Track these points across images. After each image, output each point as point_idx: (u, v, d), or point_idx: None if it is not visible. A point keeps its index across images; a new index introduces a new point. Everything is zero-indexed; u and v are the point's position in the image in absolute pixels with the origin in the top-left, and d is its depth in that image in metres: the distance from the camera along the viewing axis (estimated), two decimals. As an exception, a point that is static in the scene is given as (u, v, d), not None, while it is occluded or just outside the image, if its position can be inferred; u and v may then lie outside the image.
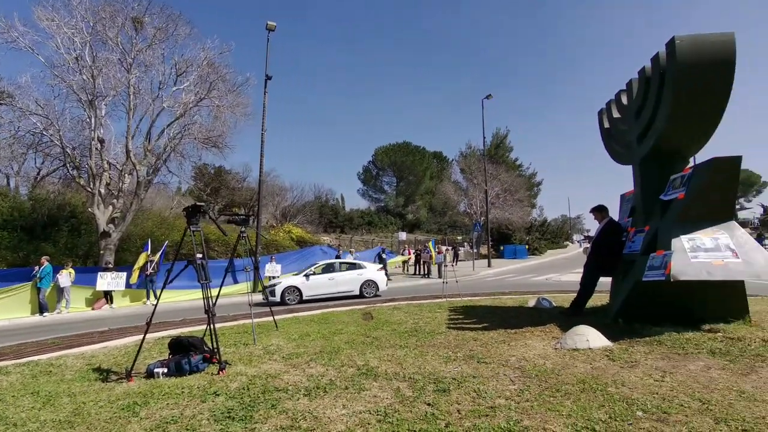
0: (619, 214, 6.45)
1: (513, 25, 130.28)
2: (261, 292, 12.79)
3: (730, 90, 4.41)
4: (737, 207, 49.38)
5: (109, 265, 14.59)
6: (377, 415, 2.84)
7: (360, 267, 13.96)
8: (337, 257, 18.49)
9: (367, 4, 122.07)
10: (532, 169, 49.96)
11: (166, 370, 4.24)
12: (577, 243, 57.22)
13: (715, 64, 4.33)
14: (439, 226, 46.05)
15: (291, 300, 12.58)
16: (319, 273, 13.35)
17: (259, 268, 14.28)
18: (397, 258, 24.00)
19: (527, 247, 37.86)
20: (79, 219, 18.80)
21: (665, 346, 4.06)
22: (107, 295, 13.49)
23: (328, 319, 7.38)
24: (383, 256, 19.88)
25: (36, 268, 12.48)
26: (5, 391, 4.11)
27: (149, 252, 14.37)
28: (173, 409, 3.21)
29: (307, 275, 13.15)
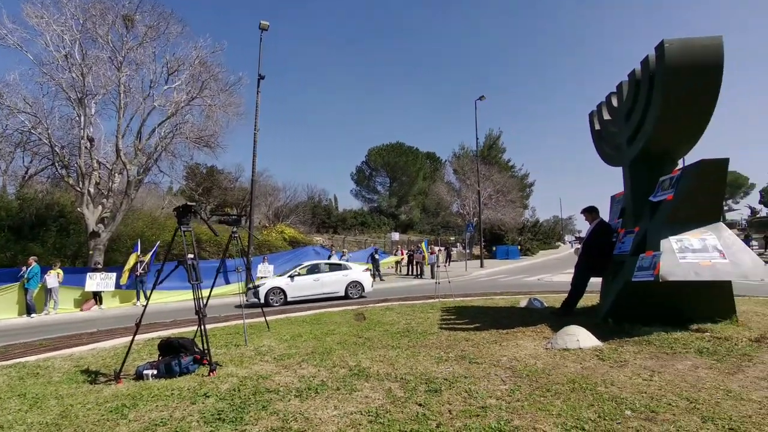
0: (610, 215, 6.51)
1: (507, 26, 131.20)
2: (244, 293, 12.65)
3: (718, 93, 4.47)
4: (725, 208, 50.16)
5: (99, 265, 14.43)
6: (368, 415, 2.83)
7: (345, 268, 13.87)
8: (330, 258, 18.48)
9: (360, 4, 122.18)
10: (525, 170, 50.34)
11: (155, 372, 4.20)
12: (568, 244, 57.65)
13: (703, 67, 4.38)
14: (432, 226, 46.15)
15: (275, 301, 12.32)
16: (304, 274, 13.20)
17: (251, 268, 14.27)
18: (390, 258, 24.02)
19: (519, 247, 38.09)
20: (68, 219, 18.56)
21: (654, 346, 4.10)
22: (96, 296, 13.34)
23: (320, 320, 7.36)
24: (376, 257, 19.92)
25: (23, 268, 12.30)
26: (-9, 393, 4.04)
27: (139, 252, 14.23)
28: (162, 411, 3.18)
29: (291, 276, 12.98)
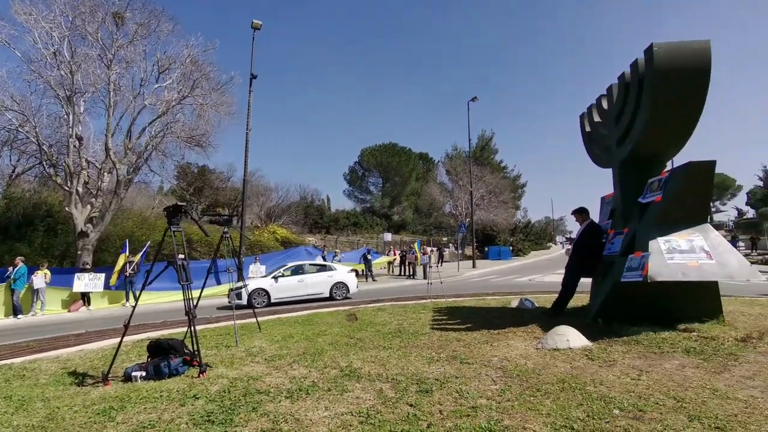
0: (600, 216, 6.57)
1: (507, 26, 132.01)
2: (227, 295, 12.41)
3: (706, 96, 4.53)
4: (713, 210, 50.93)
5: (87, 265, 14.22)
6: (359, 416, 2.83)
7: (330, 269, 13.77)
8: (322, 258, 18.42)
9: (352, 3, 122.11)
10: (517, 171, 50.68)
11: (144, 374, 4.15)
12: (559, 244, 58.16)
13: (691, 70, 4.44)
14: (424, 227, 46.24)
15: (258, 303, 11.97)
16: (288, 275, 13.03)
17: (242, 269, 14.17)
18: (383, 259, 24.00)
19: (511, 248, 38.31)
20: (56, 218, 18.29)
21: (642, 346, 4.15)
22: (84, 297, 13.15)
23: (312, 321, 7.33)
24: (368, 257, 19.90)
25: (10, 269, 12.07)
26: (-25, 396, 3.96)
27: (128, 253, 14.06)
28: (151, 413, 3.14)
29: (275, 277, 12.83)
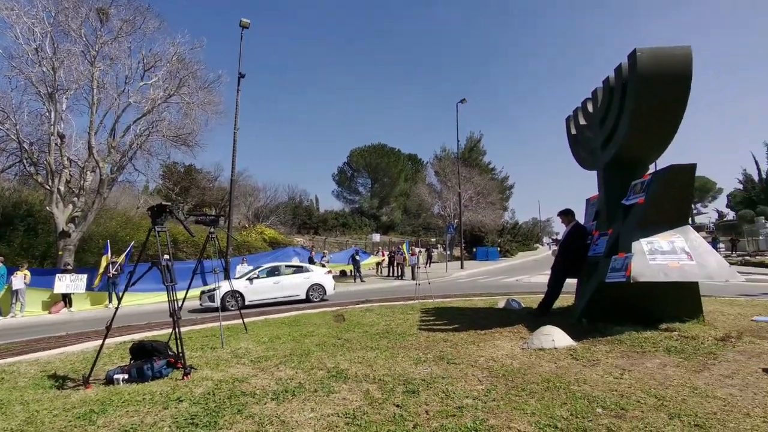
0: (585, 217, 6.66)
1: (490, 29, 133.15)
2: (199, 297, 12.15)
3: (687, 100, 4.63)
4: (694, 212, 52.02)
5: (69, 266, 13.91)
6: (346, 417, 2.82)
7: (307, 270, 13.63)
8: (310, 259, 18.34)
9: (342, 4, 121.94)
10: (505, 173, 51.19)
11: (126, 376, 4.08)
12: (546, 245, 58.87)
13: (673, 75, 4.52)
14: (413, 227, 46.35)
15: (232, 305, 11.33)
16: (263, 277, 12.85)
17: (230, 269, 14.02)
18: (371, 259, 23.99)
19: (499, 249, 38.67)
20: (36, 218, 17.87)
21: (625, 345, 4.22)
22: (66, 298, 12.88)
23: (299, 321, 7.29)
24: (357, 258, 19.87)
25: (-12, 269, 11.79)
26: (-51, 400, 3.84)
27: (110, 254, 13.79)
28: (133, 416, 3.09)
29: (250, 279, 12.63)
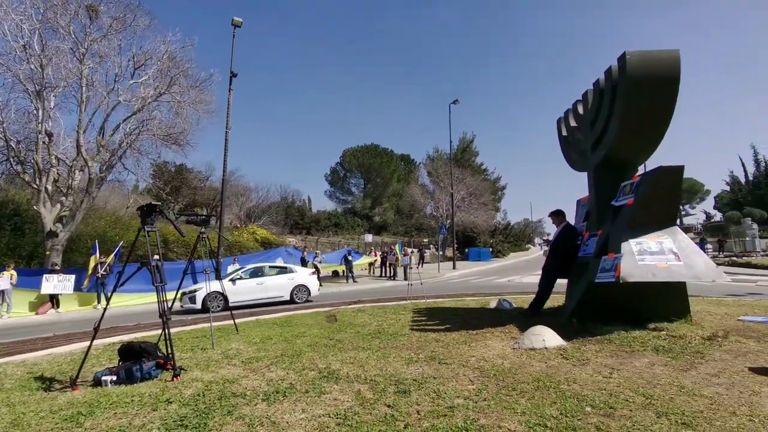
0: (576, 218, 6.72)
1: (482, 30, 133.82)
2: (179, 298, 11.76)
3: (675, 103, 4.69)
4: (682, 213, 52.76)
5: (56, 266, 13.71)
6: (337, 418, 2.82)
7: (291, 271, 13.48)
8: (302, 259, 18.28)
9: (333, 3, 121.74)
10: (497, 174, 51.54)
11: (115, 378, 4.02)
12: (538, 246, 59.32)
13: (661, 78, 4.58)
14: (405, 228, 46.43)
15: (214, 307, 10.96)
16: (246, 277, 12.68)
17: (221, 270, 13.89)
18: (364, 260, 23.97)
19: (491, 249, 38.89)
20: (23, 217, 17.60)
21: (614, 344, 4.27)
22: (53, 299, 12.69)
23: (290, 322, 7.26)
24: (349, 258, 19.84)
25: (-26, 270, 11.58)
26: (-69, 403, 3.76)
27: (98, 255, 13.60)
28: (121, 418, 3.05)
29: (233, 280, 12.43)
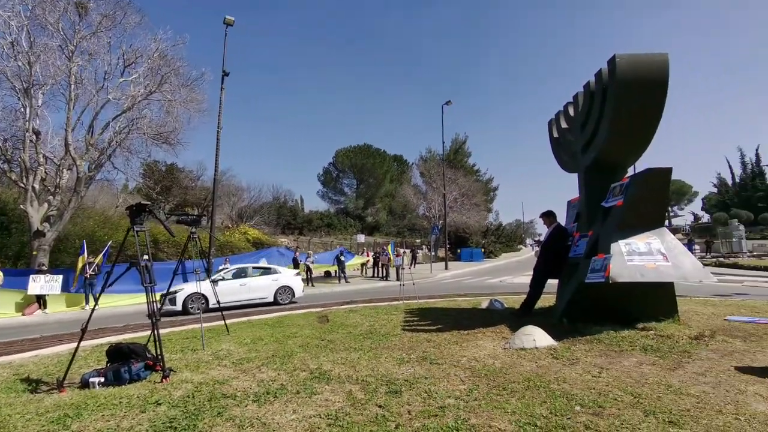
0: (566, 219, 6.78)
1: (481, 29, 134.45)
2: (159, 300, 11.77)
3: (664, 105, 4.75)
4: (671, 214, 53.47)
5: (43, 267, 13.50)
6: (328, 418, 2.81)
7: (275, 272, 13.28)
8: (294, 259, 18.21)
9: (326, 4, 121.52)
10: (489, 175, 51.81)
11: (102, 380, 3.97)
12: (529, 246, 59.72)
13: (651, 81, 4.64)
14: (398, 228, 46.48)
15: (195, 309, 11.03)
16: (229, 278, 12.42)
17: (211, 270, 13.76)
18: (356, 260, 23.94)
19: (483, 250, 39.07)
20: (10, 217, 17.30)
21: (603, 344, 4.31)
22: (40, 300, 12.47)
23: (282, 323, 7.22)
24: (342, 258, 19.80)
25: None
26: None
27: (86, 255, 13.40)
28: (109, 420, 3.01)
29: (215, 281, 11.93)
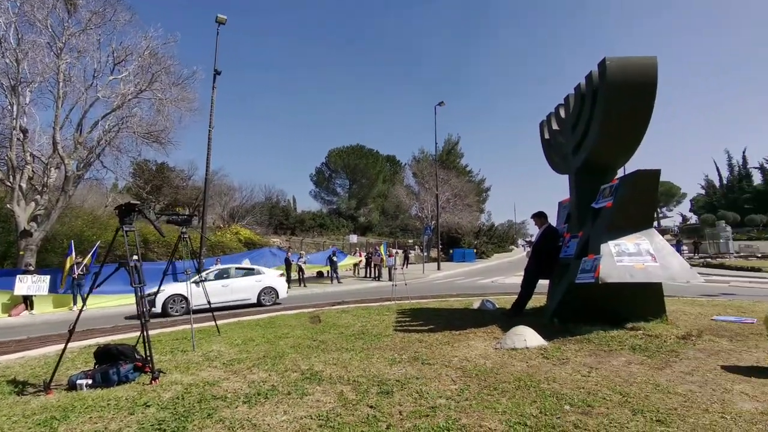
0: (557, 220, 6.84)
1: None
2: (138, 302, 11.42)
3: (653, 108, 4.82)
4: (660, 215, 54.14)
5: (30, 267, 13.28)
6: (319, 419, 2.80)
7: (258, 273, 13.07)
8: (287, 260, 18.12)
9: (326, 4, 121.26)
10: (481, 176, 52.05)
11: (90, 382, 3.92)
12: (521, 247, 60.11)
13: (640, 84, 4.71)
14: (390, 229, 46.47)
15: (175, 311, 10.88)
16: (211, 279, 12.04)
17: (202, 270, 13.61)
18: (348, 260, 23.88)
19: (475, 250, 39.19)
20: (-4, 216, 16.98)
21: (593, 344, 4.36)
22: (27, 301, 12.28)
23: (274, 323, 7.19)
24: (334, 259, 19.75)
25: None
26: None
27: (74, 255, 13.21)
28: (96, 423, 2.97)
29: (196, 282, 12.16)
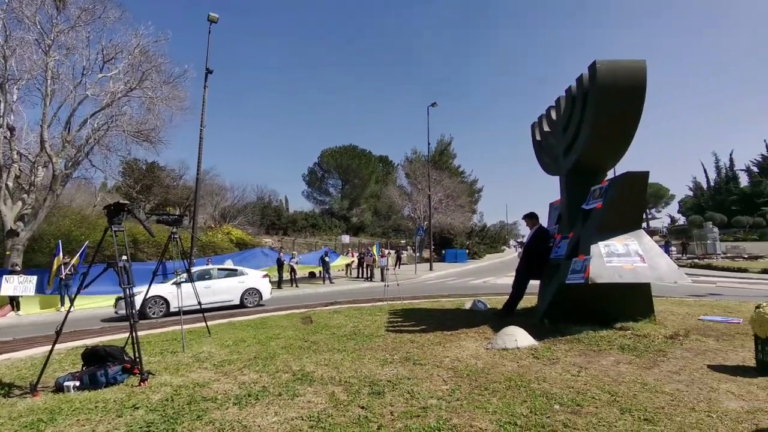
0: (548, 221, 6.89)
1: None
2: (114, 304, 10.95)
3: (642, 110, 4.88)
4: (649, 217, 54.80)
5: (17, 267, 13.08)
6: (310, 420, 2.79)
7: (241, 274, 12.88)
8: (279, 260, 18.03)
9: (319, 3, 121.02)
10: (474, 176, 52.29)
11: (78, 383, 3.86)
12: (513, 247, 60.43)
13: (629, 86, 4.76)
14: (383, 229, 46.49)
15: (154, 312, 10.64)
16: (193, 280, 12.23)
17: (191, 272, 13.46)
18: (341, 260, 23.83)
19: (467, 251, 39.31)
20: (-19, 215, 16.66)
21: (583, 344, 4.40)
22: (13, 301, 12.08)
23: (265, 324, 7.16)
24: (326, 259, 19.69)
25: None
26: None
27: (61, 255, 13.01)
28: (84, 425, 2.93)
29: (177, 283, 11.96)
